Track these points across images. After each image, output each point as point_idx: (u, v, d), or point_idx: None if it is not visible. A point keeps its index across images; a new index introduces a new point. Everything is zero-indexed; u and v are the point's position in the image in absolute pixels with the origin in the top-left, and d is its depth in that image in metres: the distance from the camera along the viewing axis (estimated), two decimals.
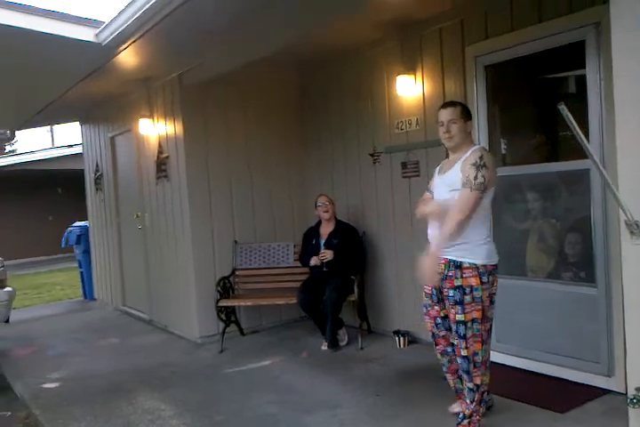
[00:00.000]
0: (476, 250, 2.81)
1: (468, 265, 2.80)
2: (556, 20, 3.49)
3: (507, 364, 3.85)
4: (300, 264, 5.06)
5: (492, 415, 3.14)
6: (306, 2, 3.75)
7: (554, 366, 3.62)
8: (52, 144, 15.73)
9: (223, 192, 5.39)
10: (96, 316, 6.87)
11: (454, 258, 2.83)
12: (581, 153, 3.37)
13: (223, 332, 4.96)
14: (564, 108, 1.73)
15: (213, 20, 3.95)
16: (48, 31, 4.03)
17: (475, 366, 2.88)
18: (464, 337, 2.85)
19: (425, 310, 3.08)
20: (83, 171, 8.07)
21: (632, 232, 1.92)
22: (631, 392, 1.97)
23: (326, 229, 4.91)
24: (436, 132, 4.33)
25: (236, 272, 5.30)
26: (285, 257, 5.31)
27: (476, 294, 2.80)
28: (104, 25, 4.08)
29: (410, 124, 4.63)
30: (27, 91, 5.67)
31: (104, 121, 7.12)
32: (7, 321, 5.39)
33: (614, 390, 3.30)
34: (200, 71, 4.99)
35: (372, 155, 4.98)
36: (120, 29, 3.94)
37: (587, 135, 3.38)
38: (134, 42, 4.22)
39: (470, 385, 2.91)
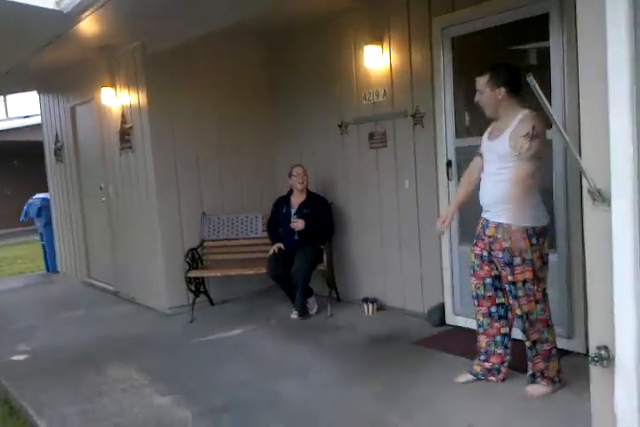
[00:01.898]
0: (524, 213, 2.82)
1: (516, 228, 2.84)
2: None
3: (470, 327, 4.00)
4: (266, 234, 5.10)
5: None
6: None
7: (515, 329, 3.76)
8: (7, 115, 15.13)
9: (190, 163, 5.35)
10: (60, 288, 6.79)
11: (503, 221, 2.89)
12: (544, 123, 3.51)
13: (193, 302, 4.99)
14: (531, 79, 1.77)
15: None
16: None
17: (530, 325, 2.96)
18: (516, 297, 2.95)
19: (472, 271, 3.16)
20: (40, 142, 7.85)
21: (594, 199, 2.00)
22: (592, 351, 2.08)
23: (297, 199, 4.94)
24: (402, 104, 4.43)
25: (205, 243, 5.30)
26: (254, 228, 5.33)
27: (526, 255, 2.86)
28: None
29: (377, 96, 4.65)
30: None
31: (64, 90, 6.91)
32: None
33: (575, 350, 3.46)
34: (164, 39, 4.87)
35: (339, 126, 5.00)
36: None
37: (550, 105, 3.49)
38: (96, 9, 4.09)
39: (528, 344, 3.02)
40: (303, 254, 4.66)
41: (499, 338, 3.18)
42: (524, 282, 2.91)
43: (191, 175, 5.34)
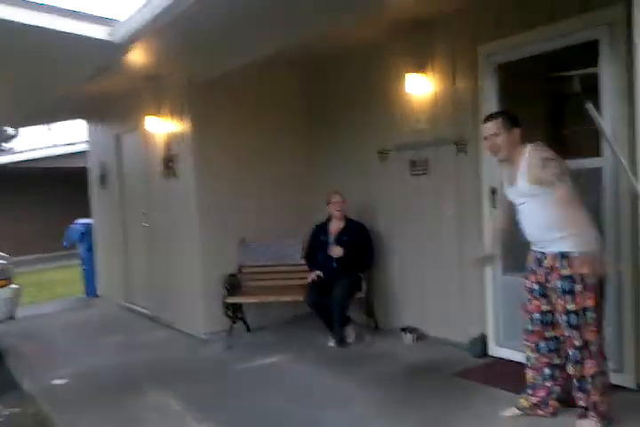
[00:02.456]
0: (581, 238, 2.74)
1: (577, 255, 2.76)
2: (568, 20, 3.50)
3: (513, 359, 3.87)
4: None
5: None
6: (319, 2, 3.77)
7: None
8: (53, 142, 15.62)
9: (231, 190, 5.40)
10: (100, 313, 6.86)
11: (562, 250, 2.81)
12: (593, 150, 3.44)
13: (230, 329, 4.97)
14: (590, 107, 1.74)
15: (225, 19, 3.95)
16: (62, 29, 4.05)
17: (590, 356, 2.82)
18: (576, 327, 2.82)
19: (524, 306, 3.09)
20: (83, 168, 8.06)
21: None
22: None
23: (336, 226, 4.92)
24: (445, 131, 4.41)
25: (243, 269, 5.30)
26: (292, 255, 5.31)
27: (589, 281, 2.77)
28: (119, 23, 4.09)
29: (420, 123, 4.64)
30: (37, 88, 5.67)
31: (110, 119, 7.12)
32: (13, 318, 5.38)
33: (625, 385, 3.31)
34: (209, 69, 5.00)
35: (380, 152, 4.99)
36: (134, 28, 3.95)
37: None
38: (146, 41, 4.24)
39: (578, 375, 2.86)
40: (342, 282, 4.61)
41: (547, 371, 3.07)
42: (585, 310, 2.79)
43: (232, 202, 5.39)
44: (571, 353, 2.89)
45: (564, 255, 2.81)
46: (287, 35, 4.28)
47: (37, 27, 3.96)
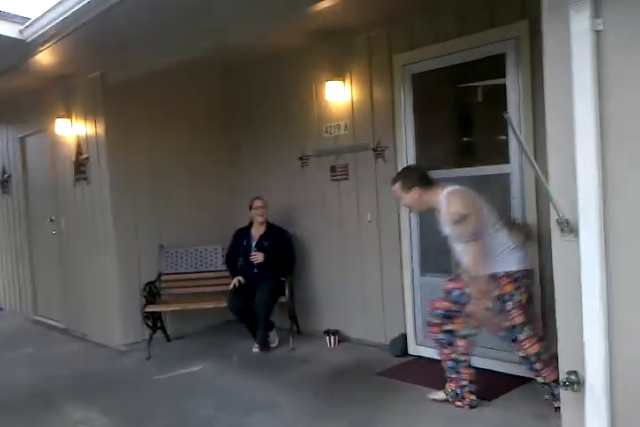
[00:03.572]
0: (504, 259, 3.00)
1: (502, 274, 2.98)
2: (478, 34, 3.73)
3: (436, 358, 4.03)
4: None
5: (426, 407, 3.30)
6: (237, 16, 3.78)
7: (480, 359, 3.82)
8: None
9: (148, 195, 5.26)
10: (5, 326, 6.44)
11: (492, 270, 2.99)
12: (501, 156, 3.69)
13: (150, 338, 4.84)
14: (508, 117, 1.89)
15: (140, 23, 3.87)
16: None
17: (545, 365, 2.99)
18: (516, 341, 3.02)
19: (432, 301, 3.31)
20: None
21: (562, 229, 2.11)
22: (563, 376, 2.15)
23: (258, 231, 4.92)
24: (363, 137, 4.55)
25: (162, 277, 5.18)
26: (213, 261, 5.26)
27: (516, 298, 2.98)
28: (30, 21, 3.92)
29: (339, 129, 4.75)
30: None
31: (13, 120, 6.72)
32: None
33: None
34: (123, 71, 4.85)
35: (300, 158, 5.06)
36: (47, 27, 3.81)
37: (506, 138, 3.67)
38: (59, 40, 4.07)
39: (543, 381, 3.02)
40: (264, 287, 4.62)
41: (450, 364, 3.27)
42: (523, 324, 3.00)
43: (149, 207, 5.25)
44: (522, 362, 3.10)
45: (493, 276, 2.98)
46: (201, 44, 4.24)
47: None
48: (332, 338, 4.67)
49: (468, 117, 4.56)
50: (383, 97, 4.40)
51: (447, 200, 3.04)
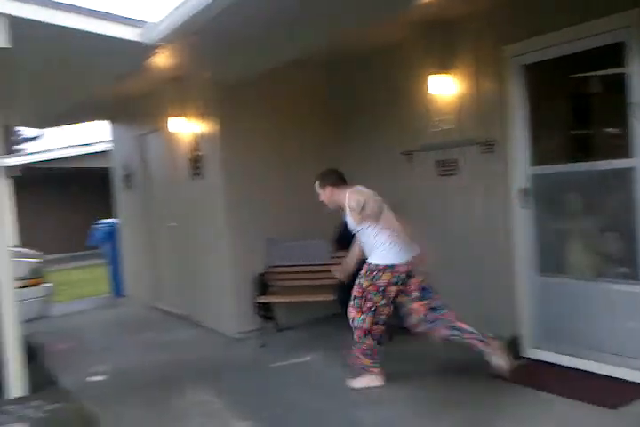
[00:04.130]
0: (375, 253, 3.73)
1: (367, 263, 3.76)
2: (594, 21, 3.53)
3: (560, 363, 3.91)
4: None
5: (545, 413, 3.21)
6: (346, 8, 3.82)
7: (602, 364, 3.67)
8: (71, 143, 15.79)
9: (257, 189, 5.47)
10: (129, 312, 6.98)
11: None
12: (622, 151, 3.49)
13: (263, 328, 5.06)
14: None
15: (255, 21, 4.01)
16: (93, 30, 4.13)
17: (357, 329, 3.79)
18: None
19: None
20: (102, 169, 8.14)
21: None
22: None
23: None
24: (470, 131, 4.46)
25: (271, 269, 5.37)
26: (321, 254, 5.37)
27: (360, 280, 3.76)
28: (150, 26, 4.17)
29: (446, 123, 4.68)
30: (66, 89, 5.77)
31: (134, 119, 7.21)
32: (46, 316, 5.50)
33: None
34: (235, 70, 5.06)
35: (406, 153, 5.04)
36: (166, 31, 4.03)
37: (628, 130, 3.47)
38: (175, 43, 4.31)
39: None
40: None
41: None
42: (354, 298, 3.77)
43: (259, 201, 5.46)
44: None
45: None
46: (315, 36, 4.34)
47: (69, 28, 4.03)
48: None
49: (583, 109, 4.35)
50: (491, 89, 4.29)
51: (347, 197, 3.71)
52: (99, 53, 4.60)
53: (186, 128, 5.80)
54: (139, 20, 4.37)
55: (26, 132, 21.16)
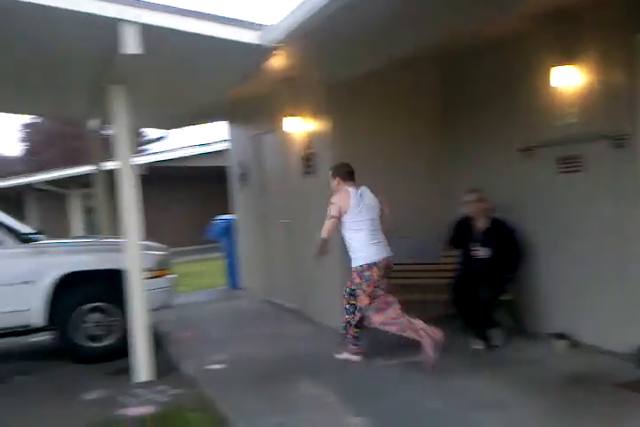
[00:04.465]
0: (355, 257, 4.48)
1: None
2: None
3: None
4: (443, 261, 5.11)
5: None
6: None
7: None
8: (191, 143, 16.72)
9: (369, 187, 5.46)
10: (244, 304, 7.28)
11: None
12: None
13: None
14: None
15: (369, 20, 4.01)
16: (216, 35, 4.33)
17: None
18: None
19: None
20: (220, 167, 8.51)
21: None
22: None
23: (480, 225, 4.80)
24: (597, 124, 4.16)
25: None
26: (433, 253, 5.28)
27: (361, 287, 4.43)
28: (269, 28, 4.31)
29: (569, 117, 4.40)
30: (187, 92, 6.11)
31: (250, 120, 7.49)
32: (170, 306, 5.84)
33: None
34: (347, 69, 5.10)
35: (524, 149, 4.81)
36: (285, 32, 4.14)
37: None
38: (293, 44, 4.41)
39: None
40: (488, 283, 4.52)
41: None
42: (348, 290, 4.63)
43: None
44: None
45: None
46: (433, 32, 4.27)
47: (194, 34, 4.25)
48: (561, 342, 4.38)
49: None
50: (621, 80, 4.00)
51: (336, 194, 4.51)
52: (220, 57, 4.82)
53: (299, 127, 5.93)
54: (256, 24, 4.52)
55: (151, 133, 22.68)
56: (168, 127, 9.31)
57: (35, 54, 4.92)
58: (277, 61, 4.98)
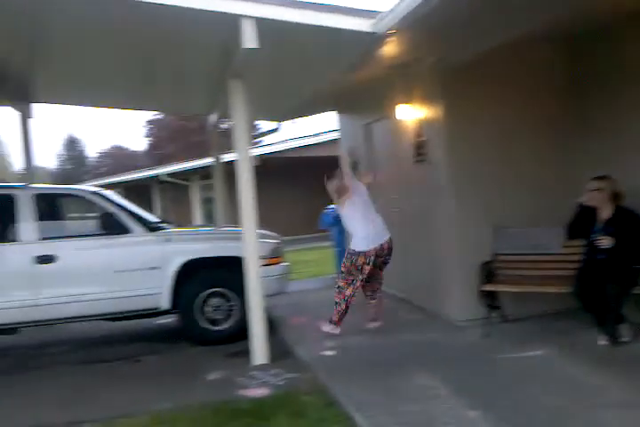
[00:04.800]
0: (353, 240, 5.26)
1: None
2: None
3: None
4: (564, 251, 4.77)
5: None
6: None
7: None
8: (302, 134, 17.06)
9: (485, 175, 5.29)
10: None
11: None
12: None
13: (488, 317, 4.90)
14: None
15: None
16: (331, 25, 4.35)
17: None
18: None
19: None
20: (330, 157, 8.53)
21: None
22: None
23: (603, 214, 4.48)
24: None
25: (498, 257, 5.15)
26: (554, 243, 5.00)
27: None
28: (382, 15, 4.26)
29: None
30: (301, 83, 6.21)
31: (359, 109, 7.48)
32: (284, 292, 6.02)
33: None
34: (461, 52, 4.91)
35: None
36: (398, 18, 4.08)
37: None
38: (406, 30, 4.33)
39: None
40: (616, 276, 4.19)
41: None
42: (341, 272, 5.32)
43: (486, 186, 5.28)
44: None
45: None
46: (557, 4, 3.99)
47: (308, 25, 4.31)
48: None
49: None
50: None
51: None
52: (334, 46, 4.84)
53: (410, 115, 5.83)
54: (371, 11, 4.48)
55: (264, 125, 23.36)
56: (280, 119, 9.53)
57: (163, 54, 5.25)
58: (390, 48, 4.92)
